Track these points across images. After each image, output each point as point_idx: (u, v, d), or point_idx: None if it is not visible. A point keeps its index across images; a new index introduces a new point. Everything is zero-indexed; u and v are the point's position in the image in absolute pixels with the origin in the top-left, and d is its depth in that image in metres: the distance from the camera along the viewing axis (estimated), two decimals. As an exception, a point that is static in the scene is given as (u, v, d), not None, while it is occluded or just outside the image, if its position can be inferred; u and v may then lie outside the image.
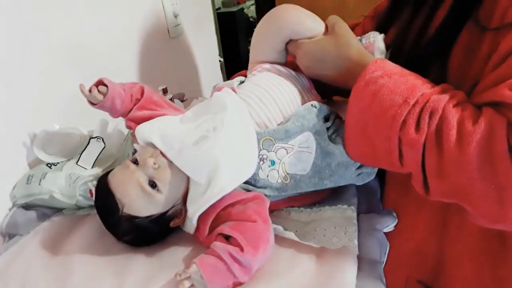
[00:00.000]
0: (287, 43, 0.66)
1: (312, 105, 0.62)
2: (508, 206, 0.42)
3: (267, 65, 0.68)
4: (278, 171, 0.58)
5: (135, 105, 0.69)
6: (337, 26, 0.60)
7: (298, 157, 0.59)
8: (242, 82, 0.70)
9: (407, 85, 0.48)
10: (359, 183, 0.63)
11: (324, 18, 0.65)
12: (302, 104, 0.65)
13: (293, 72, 0.68)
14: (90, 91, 0.66)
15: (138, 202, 0.55)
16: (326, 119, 0.63)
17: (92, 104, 0.68)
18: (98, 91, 0.67)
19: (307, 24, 0.62)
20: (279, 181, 0.59)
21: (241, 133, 0.59)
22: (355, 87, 0.53)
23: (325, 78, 0.63)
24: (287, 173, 0.59)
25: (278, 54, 0.68)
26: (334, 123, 0.63)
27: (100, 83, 0.68)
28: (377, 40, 0.64)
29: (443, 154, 0.44)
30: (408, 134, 0.46)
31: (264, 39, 0.68)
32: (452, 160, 0.43)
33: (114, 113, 0.70)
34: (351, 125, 0.55)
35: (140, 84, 0.72)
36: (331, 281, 0.49)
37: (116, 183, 0.57)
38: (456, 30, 0.50)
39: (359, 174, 0.61)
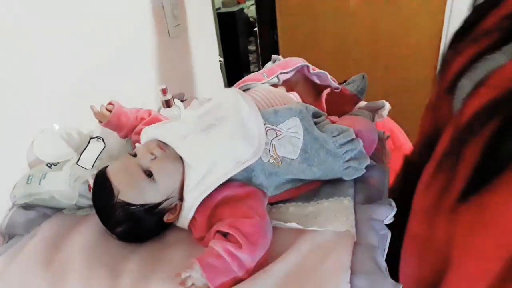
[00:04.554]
0: None
1: (298, 102, 0.69)
2: None
3: (265, 85, 0.79)
4: (269, 150, 0.62)
5: (140, 123, 0.74)
6: None
7: (287, 141, 0.62)
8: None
9: None
10: (347, 178, 0.65)
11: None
12: None
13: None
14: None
15: (133, 189, 0.57)
16: (316, 117, 0.67)
17: (101, 122, 0.74)
18: (106, 109, 0.73)
19: None
20: (271, 161, 0.61)
21: (248, 121, 0.63)
22: None
23: None
24: (278, 155, 0.62)
25: None
26: (325, 121, 0.67)
27: (108, 104, 0.75)
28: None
29: None
30: None
31: None
32: None
33: (121, 130, 0.75)
34: None
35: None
36: (327, 261, 0.50)
37: (113, 171, 0.59)
38: None
39: (346, 168, 0.64)
